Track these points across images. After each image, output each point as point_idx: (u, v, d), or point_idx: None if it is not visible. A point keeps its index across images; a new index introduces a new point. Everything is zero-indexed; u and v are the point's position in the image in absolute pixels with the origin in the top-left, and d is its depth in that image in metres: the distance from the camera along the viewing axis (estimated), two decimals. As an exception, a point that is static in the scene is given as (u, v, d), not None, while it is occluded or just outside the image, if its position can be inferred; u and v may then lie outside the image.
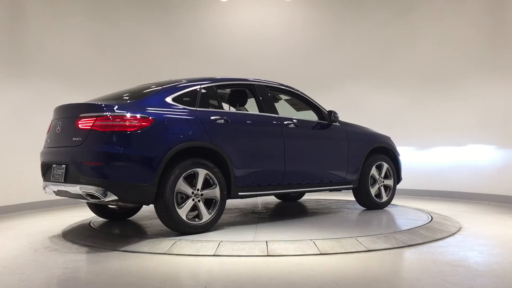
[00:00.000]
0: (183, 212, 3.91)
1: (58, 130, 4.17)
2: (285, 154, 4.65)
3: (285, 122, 4.73)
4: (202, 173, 4.02)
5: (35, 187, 6.41)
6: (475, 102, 7.19)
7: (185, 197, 3.97)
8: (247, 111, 5.13)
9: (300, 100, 5.25)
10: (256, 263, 3.24)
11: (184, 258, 3.40)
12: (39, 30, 6.94)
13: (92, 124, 3.77)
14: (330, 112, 5.13)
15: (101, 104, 3.92)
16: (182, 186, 3.92)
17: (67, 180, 3.93)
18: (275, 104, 5.36)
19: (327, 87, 8.37)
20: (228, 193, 4.25)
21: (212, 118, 4.20)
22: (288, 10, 8.68)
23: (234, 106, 5.01)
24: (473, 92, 7.23)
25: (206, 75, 5.49)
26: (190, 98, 4.22)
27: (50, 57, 7.07)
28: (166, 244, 3.67)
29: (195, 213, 4.07)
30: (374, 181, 5.46)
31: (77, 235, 4.29)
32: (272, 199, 6.68)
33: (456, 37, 7.47)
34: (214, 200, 4.14)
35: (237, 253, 3.47)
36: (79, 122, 3.86)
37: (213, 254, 3.46)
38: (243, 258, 3.37)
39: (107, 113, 3.78)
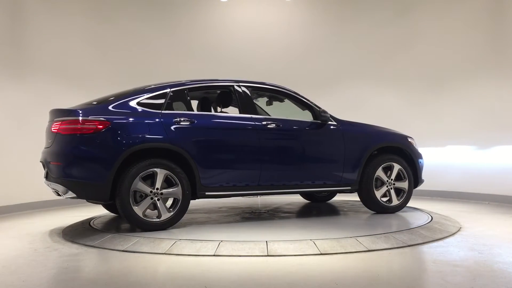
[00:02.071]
0: (139, 210, 4.11)
1: (46, 133, 4.58)
2: (261, 155, 4.59)
3: (263, 123, 4.64)
4: (161, 173, 4.17)
5: (35, 187, 6.42)
6: (475, 102, 7.19)
7: (144, 196, 4.15)
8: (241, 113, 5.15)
9: (291, 99, 5.12)
10: (256, 263, 3.24)
11: (184, 258, 3.41)
12: (39, 31, 6.94)
13: (58, 127, 4.19)
14: (319, 111, 4.93)
15: (66, 109, 4.30)
16: (139, 185, 4.10)
17: (47, 178, 4.39)
18: (280, 103, 5.34)
19: (327, 87, 8.37)
20: (194, 193, 4.35)
21: (175, 120, 4.31)
22: (288, 10, 8.68)
23: (218, 107, 5.09)
24: (473, 92, 7.23)
25: (206, 74, 5.49)
26: (157, 101, 4.40)
27: (50, 57, 7.07)
28: (166, 244, 3.68)
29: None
30: (383, 183, 5.15)
31: (77, 235, 4.29)
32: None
33: (456, 37, 7.47)
34: (176, 199, 4.27)
35: (237, 253, 3.47)
36: (52, 126, 4.29)
37: (213, 254, 3.46)
38: (243, 258, 3.37)
39: (69, 117, 4.15)
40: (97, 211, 5.68)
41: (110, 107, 4.25)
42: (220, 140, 4.50)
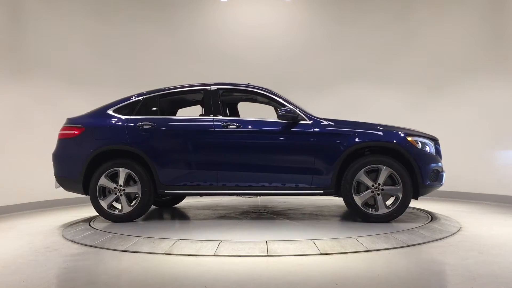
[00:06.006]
0: (104, 203, 4.78)
1: None
2: (219, 156, 4.65)
3: (224, 124, 4.70)
4: (123, 171, 4.76)
5: (35, 187, 6.42)
6: (474, 103, 7.20)
7: (111, 191, 4.78)
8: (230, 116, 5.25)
9: (268, 99, 5.02)
10: (256, 263, 3.24)
11: (184, 258, 3.41)
12: (39, 31, 6.93)
13: (59, 133, 5.03)
14: (281, 109, 4.65)
15: (67, 118, 5.08)
16: (104, 181, 4.78)
17: None
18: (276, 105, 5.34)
19: (327, 87, 8.38)
20: (154, 190, 4.77)
21: (138, 124, 4.79)
22: (288, 10, 8.69)
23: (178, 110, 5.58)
24: (472, 93, 7.24)
25: (206, 74, 5.49)
26: (130, 108, 4.97)
27: (50, 58, 7.07)
28: (166, 244, 3.68)
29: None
30: (367, 187, 4.55)
31: (77, 235, 4.29)
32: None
33: (455, 38, 7.47)
34: (137, 196, 4.78)
35: (237, 253, 3.47)
36: None
37: (213, 254, 3.47)
38: (243, 258, 3.38)
39: (64, 125, 5.01)
40: (97, 211, 5.67)
41: (91, 115, 4.98)
42: (177, 141, 4.78)
